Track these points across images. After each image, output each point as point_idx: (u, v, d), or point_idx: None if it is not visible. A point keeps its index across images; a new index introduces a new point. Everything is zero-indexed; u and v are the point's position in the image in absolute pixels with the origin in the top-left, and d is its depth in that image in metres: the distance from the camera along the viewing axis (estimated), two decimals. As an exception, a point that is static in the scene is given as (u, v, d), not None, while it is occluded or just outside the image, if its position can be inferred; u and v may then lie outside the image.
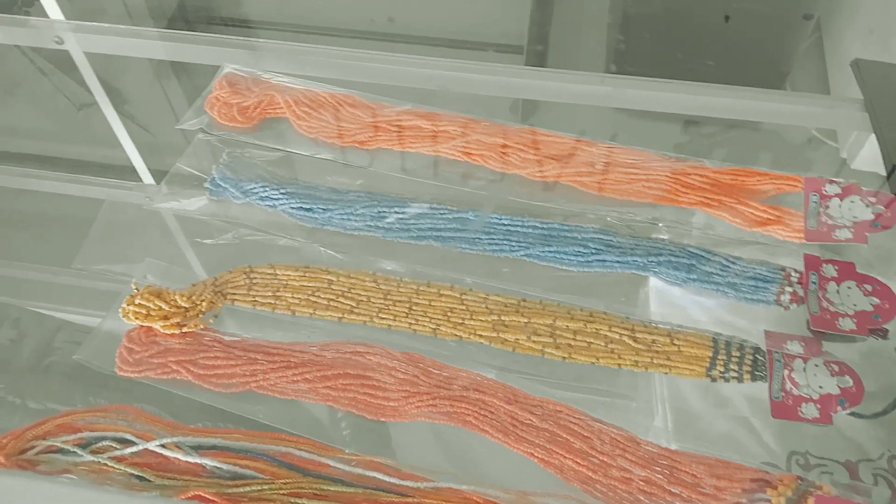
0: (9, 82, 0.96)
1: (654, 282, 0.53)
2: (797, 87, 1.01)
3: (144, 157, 0.86)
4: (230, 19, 1.06)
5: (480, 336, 0.48)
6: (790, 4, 0.96)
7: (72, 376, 0.76)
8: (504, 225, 0.53)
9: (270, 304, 0.50)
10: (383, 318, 0.49)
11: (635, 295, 0.54)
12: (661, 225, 0.54)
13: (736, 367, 0.46)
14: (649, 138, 0.61)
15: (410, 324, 0.49)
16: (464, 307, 0.49)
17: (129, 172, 0.89)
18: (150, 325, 0.48)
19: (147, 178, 0.88)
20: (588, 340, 0.47)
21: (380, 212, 0.54)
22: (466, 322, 0.48)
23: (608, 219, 0.54)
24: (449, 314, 0.49)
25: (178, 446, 0.44)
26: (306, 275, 0.51)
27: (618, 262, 0.51)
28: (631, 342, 0.47)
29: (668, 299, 0.53)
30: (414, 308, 0.49)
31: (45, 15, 0.71)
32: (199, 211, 0.55)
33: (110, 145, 0.93)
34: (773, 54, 1.01)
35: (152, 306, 0.48)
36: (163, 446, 0.44)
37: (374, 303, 0.50)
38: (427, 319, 0.49)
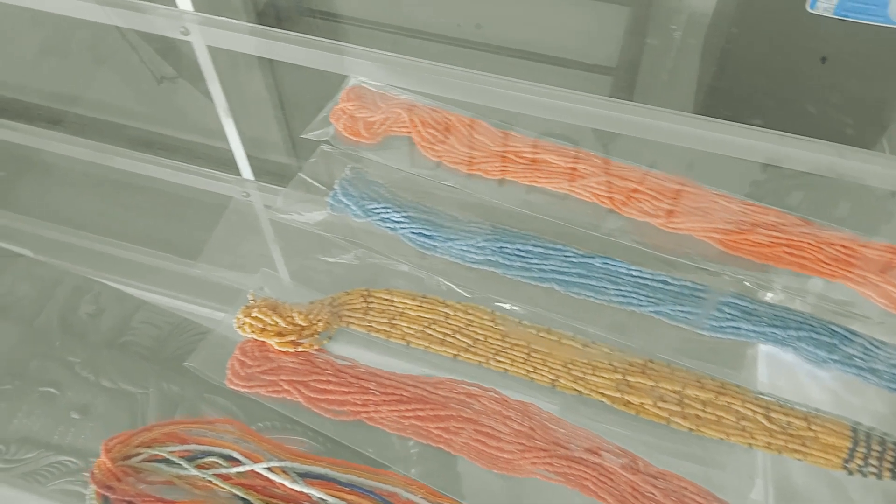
0: (95, 54, 0.97)
1: (764, 345, 0.49)
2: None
3: (247, 151, 0.86)
4: (318, 12, 1.06)
5: (603, 395, 0.45)
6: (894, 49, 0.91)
7: (147, 357, 0.76)
8: (633, 276, 0.50)
9: (385, 331, 0.49)
10: (500, 362, 0.47)
11: (741, 356, 0.51)
12: (807, 297, 0.50)
13: (876, 463, 0.43)
14: (724, 173, 0.59)
15: (528, 371, 0.46)
16: (586, 360, 0.47)
17: (223, 163, 0.90)
18: (264, 339, 0.47)
19: (246, 172, 0.88)
20: (718, 414, 0.44)
21: (501, 247, 0.52)
22: (588, 377, 0.46)
23: (745, 283, 0.51)
24: (570, 366, 0.47)
25: (284, 471, 0.42)
26: (423, 305, 0.50)
27: (754, 331, 0.48)
28: (765, 422, 0.44)
29: (778, 365, 0.50)
30: (533, 355, 0.47)
31: (173, 4, 0.71)
32: (317, 225, 0.54)
33: (210, 135, 0.94)
34: (872, 101, 0.95)
35: (268, 321, 0.47)
36: (270, 469, 0.42)
37: (491, 343, 0.48)
38: (546, 369, 0.46)
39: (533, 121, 0.61)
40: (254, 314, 0.48)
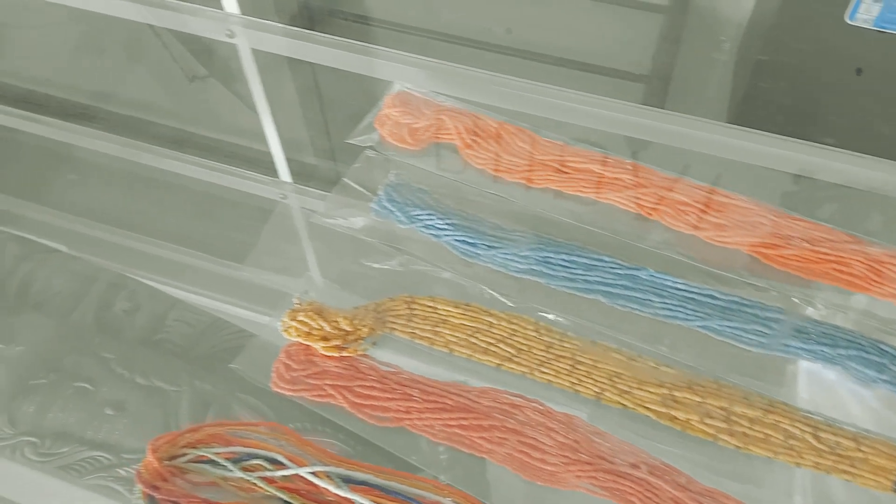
0: (130, 52, 0.98)
1: (805, 362, 0.49)
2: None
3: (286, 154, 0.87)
4: (349, 15, 1.06)
5: (648, 409, 0.45)
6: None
7: (180, 355, 0.76)
8: (679, 289, 0.50)
9: (429, 338, 0.49)
10: (544, 373, 0.47)
11: (780, 371, 0.50)
12: (848, 313, 0.50)
13: (927, 486, 0.42)
14: (755, 183, 0.58)
15: (573, 383, 0.46)
16: (631, 374, 0.47)
17: (260, 164, 0.91)
18: (309, 343, 0.47)
19: (284, 174, 0.89)
20: (766, 432, 0.44)
21: (546, 257, 0.52)
22: (634, 391, 0.46)
23: (793, 299, 0.50)
24: (615, 379, 0.46)
25: (328, 476, 0.43)
26: (466, 313, 0.50)
27: (803, 349, 0.47)
28: (813, 441, 0.43)
29: (819, 382, 0.49)
30: (577, 367, 0.47)
31: (219, 7, 0.72)
32: (361, 230, 0.55)
33: (248, 136, 0.95)
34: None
35: (314, 325, 0.47)
36: (314, 474, 0.42)
37: (535, 354, 0.48)
38: (591, 381, 0.46)
39: (572, 129, 0.61)
40: (299, 318, 0.48)
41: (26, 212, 0.94)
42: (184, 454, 0.44)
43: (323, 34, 0.68)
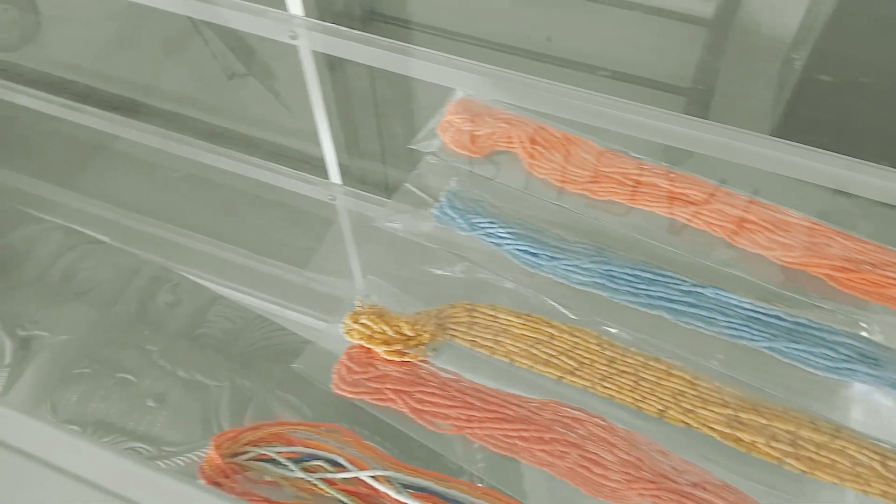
0: (172, 45, 0.99)
1: (859, 386, 0.48)
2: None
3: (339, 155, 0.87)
4: (389, 17, 1.07)
5: (713, 430, 0.44)
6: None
7: (220, 351, 0.77)
8: (744, 309, 0.49)
9: (489, 347, 0.48)
10: (606, 388, 0.46)
11: (833, 396, 0.49)
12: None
13: None
14: (791, 197, 0.57)
15: (635, 399, 0.46)
16: (696, 393, 0.46)
17: (310, 164, 0.91)
18: (370, 346, 0.48)
19: (334, 176, 0.89)
20: (832, 458, 0.43)
21: (609, 270, 0.51)
22: (698, 410, 0.45)
23: (861, 323, 0.49)
24: (679, 397, 0.46)
25: (389, 481, 0.43)
26: (528, 323, 0.49)
27: (870, 375, 0.46)
28: (881, 469, 0.43)
29: (874, 408, 0.48)
30: (641, 383, 0.46)
31: (283, 8, 0.73)
32: (422, 235, 0.55)
33: (289, 134, 0.95)
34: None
35: (376, 328, 0.48)
36: (374, 478, 0.42)
37: (597, 368, 0.47)
38: (655, 399, 0.46)
39: (632, 142, 0.60)
40: (361, 321, 0.48)
41: (69, 201, 0.95)
42: (245, 452, 0.44)
43: (387, 39, 0.68)
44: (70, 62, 1.01)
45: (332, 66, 0.83)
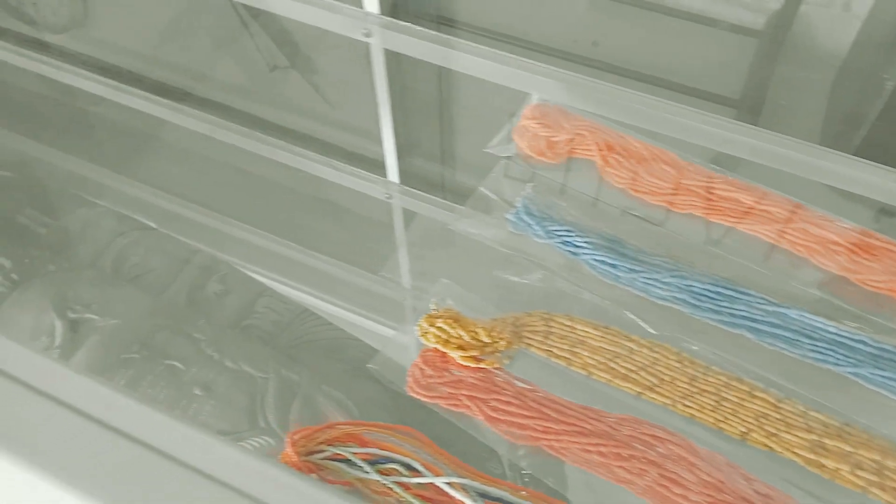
0: (211, 36, 0.99)
1: None
2: None
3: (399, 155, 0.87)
4: (437, 17, 1.07)
5: (796, 454, 0.43)
6: None
7: (267, 342, 0.77)
8: (829, 332, 0.48)
9: (566, 358, 0.48)
10: (687, 407, 0.45)
11: None
12: None
13: None
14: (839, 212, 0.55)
15: (717, 420, 0.45)
16: (779, 416, 0.45)
17: (368, 162, 0.91)
18: (446, 351, 0.47)
19: (393, 175, 0.89)
20: (923, 492, 0.42)
21: (690, 285, 0.50)
22: (781, 434, 0.44)
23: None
24: (762, 420, 0.45)
25: (464, 488, 0.42)
26: (606, 336, 0.48)
27: (962, 407, 0.45)
28: (974, 506, 0.41)
29: None
30: (723, 403, 0.45)
31: (359, 5, 0.72)
32: (497, 241, 0.54)
33: (360, 133, 0.95)
34: None
35: (453, 333, 0.47)
36: (450, 485, 0.42)
37: (678, 386, 0.46)
38: (737, 420, 0.45)
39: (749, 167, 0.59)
40: (438, 324, 0.47)
41: (122, 186, 0.96)
42: (321, 450, 0.44)
43: (463, 41, 0.68)
44: (121, 47, 1.01)
45: (399, 66, 0.82)
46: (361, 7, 0.71)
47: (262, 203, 1.01)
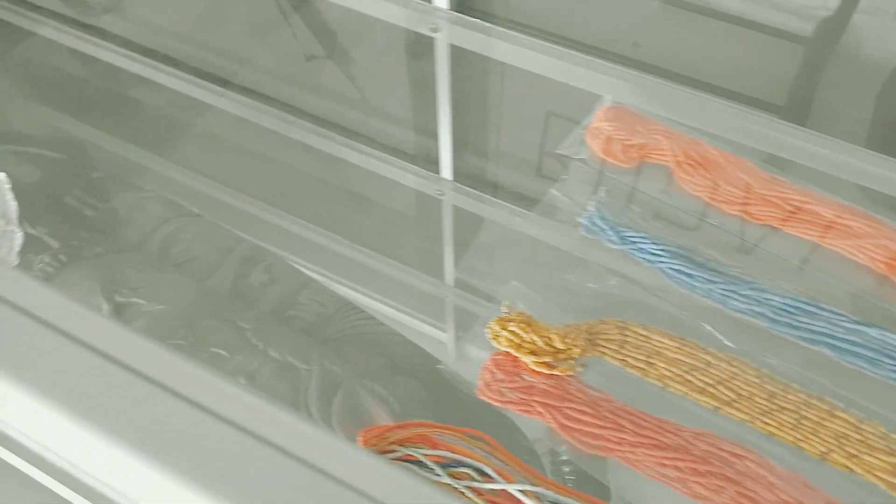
0: (250, 23, 0.99)
1: None
2: None
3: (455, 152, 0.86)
4: (475, 11, 1.06)
5: (878, 477, 0.42)
6: None
7: (310, 333, 0.76)
8: (913, 354, 0.47)
9: (641, 369, 0.47)
10: (766, 424, 0.44)
11: None
12: None
13: None
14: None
15: (797, 439, 0.44)
16: (860, 438, 0.44)
17: (421, 158, 0.90)
18: (518, 355, 0.46)
19: (446, 171, 0.88)
20: None
21: (768, 299, 0.49)
22: (863, 456, 0.43)
23: None
24: (842, 441, 0.43)
25: (537, 497, 0.41)
26: (683, 348, 0.48)
27: None
28: None
29: None
30: (803, 422, 0.44)
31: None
32: (568, 245, 0.53)
33: (413, 128, 0.94)
34: None
35: (526, 337, 0.46)
36: (523, 492, 0.41)
37: (756, 402, 0.45)
38: (818, 440, 0.43)
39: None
40: (510, 328, 0.47)
41: (169, 171, 0.96)
42: (393, 450, 0.44)
43: (532, 38, 0.67)
44: (160, 30, 1.01)
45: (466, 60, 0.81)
46: (430, 2, 0.70)
47: (311, 194, 1.00)
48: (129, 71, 0.95)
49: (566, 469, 0.58)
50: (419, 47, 0.90)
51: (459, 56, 0.78)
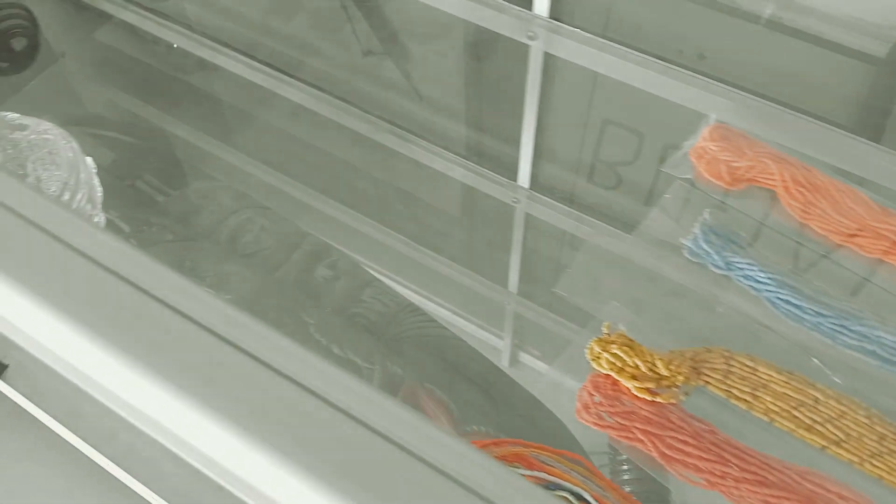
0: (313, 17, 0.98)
1: None
2: None
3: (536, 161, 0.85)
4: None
5: None
6: None
7: (372, 332, 0.76)
8: None
9: (747, 402, 0.46)
10: (875, 467, 0.43)
11: None
12: None
13: None
14: None
15: (910, 486, 0.42)
16: (980, 490, 0.42)
17: (499, 164, 0.90)
18: (620, 379, 0.46)
19: (524, 180, 0.87)
20: None
21: (879, 336, 0.47)
22: (983, 511, 0.41)
23: None
24: (960, 493, 0.42)
25: (637, 527, 0.41)
26: (790, 382, 0.46)
27: None
28: None
29: None
30: (917, 468, 0.42)
31: (528, 6, 0.71)
32: (671, 267, 0.52)
33: (499, 136, 0.94)
34: None
35: (629, 361, 0.45)
36: (623, 522, 0.41)
37: (866, 443, 0.44)
38: (932, 489, 0.42)
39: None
40: (613, 350, 0.46)
41: (224, 154, 0.98)
42: (490, 468, 0.43)
43: (635, 52, 0.66)
44: (225, 16, 1.02)
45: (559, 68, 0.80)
46: (531, 9, 0.69)
47: (374, 193, 1.01)
48: (196, 55, 0.96)
49: (625, 467, 0.57)
50: (483, 49, 0.89)
51: (550, 64, 0.77)
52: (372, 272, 0.84)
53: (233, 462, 0.26)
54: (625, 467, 0.56)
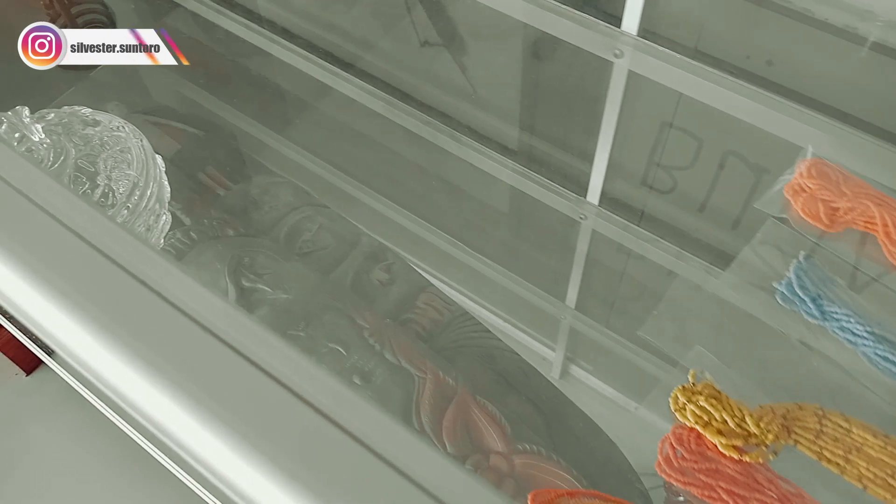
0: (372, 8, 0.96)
1: None
2: None
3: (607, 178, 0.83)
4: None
5: None
6: None
7: (425, 340, 0.74)
8: None
9: (839, 465, 0.43)
10: (980, 547, 0.40)
11: None
12: None
13: None
14: None
15: None
16: None
17: (567, 177, 0.87)
18: (706, 434, 0.43)
19: (594, 196, 0.85)
20: None
21: None
22: None
23: None
24: None
25: None
26: (887, 447, 0.43)
27: None
28: None
29: None
30: None
31: (617, 24, 0.68)
32: (762, 312, 0.49)
33: (570, 150, 0.91)
34: None
35: (716, 414, 0.43)
36: (704, 589, 0.39)
37: (970, 521, 0.41)
38: None
39: None
40: (700, 402, 0.44)
41: (280, 147, 0.97)
42: (563, 517, 0.42)
43: (726, 74, 0.63)
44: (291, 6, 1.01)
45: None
46: (619, 27, 0.67)
47: (440, 199, 0.99)
48: (252, 44, 0.96)
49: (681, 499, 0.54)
50: (546, 50, 0.86)
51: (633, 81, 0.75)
52: (425, 275, 0.82)
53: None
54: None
